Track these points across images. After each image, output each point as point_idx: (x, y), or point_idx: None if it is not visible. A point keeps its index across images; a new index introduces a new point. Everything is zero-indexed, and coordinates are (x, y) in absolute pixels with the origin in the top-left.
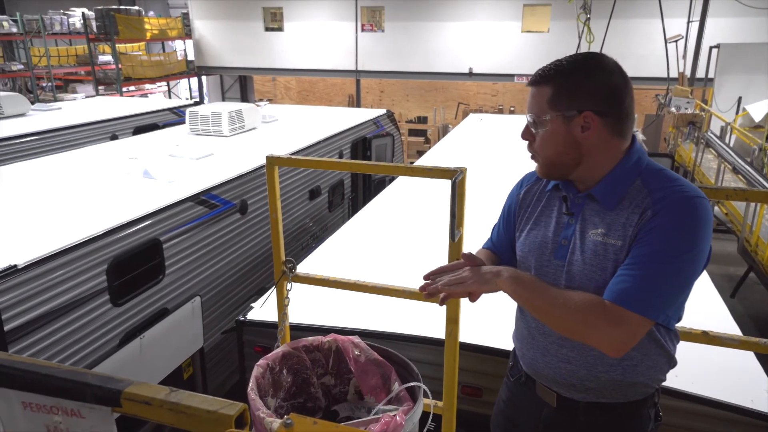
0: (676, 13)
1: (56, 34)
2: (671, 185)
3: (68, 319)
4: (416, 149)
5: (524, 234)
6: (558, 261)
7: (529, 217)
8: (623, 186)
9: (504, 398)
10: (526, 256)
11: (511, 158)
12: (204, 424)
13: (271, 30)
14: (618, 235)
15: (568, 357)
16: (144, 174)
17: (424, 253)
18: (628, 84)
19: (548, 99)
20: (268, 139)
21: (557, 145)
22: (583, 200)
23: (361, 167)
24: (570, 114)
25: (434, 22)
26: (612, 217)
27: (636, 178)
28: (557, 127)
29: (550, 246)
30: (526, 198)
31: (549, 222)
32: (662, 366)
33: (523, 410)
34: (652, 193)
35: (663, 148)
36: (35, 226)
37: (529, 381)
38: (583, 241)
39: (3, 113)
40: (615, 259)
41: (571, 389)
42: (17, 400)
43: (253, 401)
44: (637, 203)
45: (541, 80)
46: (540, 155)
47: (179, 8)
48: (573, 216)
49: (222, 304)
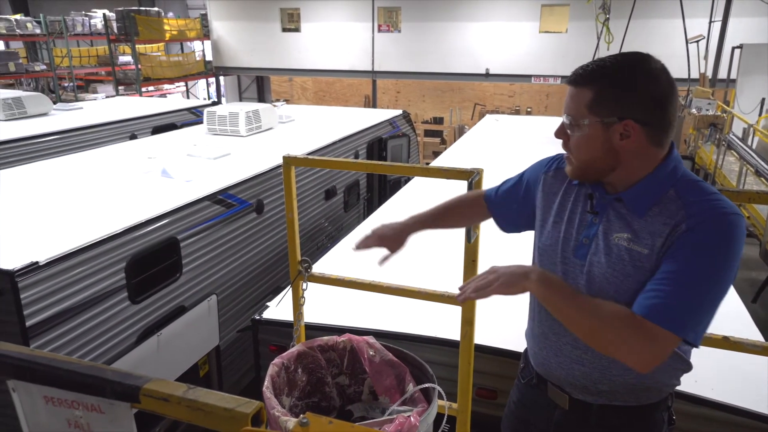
0: (698, 13)
1: (78, 35)
2: (707, 199)
3: (87, 316)
4: (432, 150)
5: (547, 226)
6: (578, 260)
7: (551, 207)
8: (655, 194)
9: (515, 400)
10: (547, 250)
11: (528, 159)
12: (221, 421)
13: (288, 31)
14: (645, 243)
15: (581, 359)
16: (162, 173)
17: (440, 254)
18: (674, 91)
19: (588, 103)
20: (285, 139)
21: (593, 150)
22: (609, 202)
23: (377, 168)
24: (610, 121)
25: (451, 22)
26: (640, 224)
27: (669, 187)
28: (595, 133)
29: (572, 243)
30: (554, 184)
31: (573, 218)
32: (677, 371)
33: (534, 412)
34: (687, 206)
35: (683, 150)
36: (56, 224)
37: (540, 383)
38: (606, 243)
39: (26, 113)
40: (640, 266)
41: (583, 391)
42: (39, 395)
43: (268, 400)
44: (670, 214)
45: (582, 81)
46: (574, 158)
47: (198, 9)
48: (597, 215)
49: (238, 302)
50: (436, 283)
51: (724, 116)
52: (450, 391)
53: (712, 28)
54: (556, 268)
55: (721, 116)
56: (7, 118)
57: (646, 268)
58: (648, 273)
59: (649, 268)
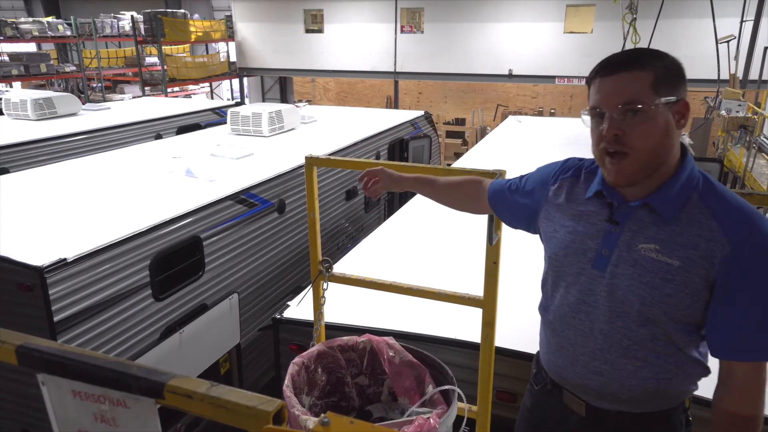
0: (729, 13)
1: (107, 37)
2: (734, 209)
3: (113, 312)
4: (453, 151)
5: (558, 236)
6: (596, 271)
7: (563, 218)
8: (683, 195)
9: (528, 406)
10: (561, 260)
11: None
12: (242, 419)
13: (311, 32)
14: (676, 255)
15: (600, 370)
16: (186, 173)
17: (461, 255)
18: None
19: (651, 83)
20: (307, 139)
21: (660, 135)
22: (631, 210)
23: (398, 168)
24: (671, 100)
25: (474, 23)
26: (668, 233)
27: (693, 190)
28: (662, 114)
29: (589, 254)
30: (558, 193)
31: (589, 228)
32: (696, 376)
33: (549, 418)
34: (716, 214)
35: (712, 152)
36: (84, 222)
37: (555, 389)
38: (631, 255)
39: (56, 113)
40: (670, 279)
41: (602, 399)
42: (68, 389)
43: (288, 399)
44: (699, 223)
45: (636, 64)
46: (635, 149)
47: (223, 11)
48: (617, 225)
49: (259, 301)
50: (456, 285)
51: (755, 118)
52: (470, 393)
53: (743, 28)
54: (570, 279)
55: (751, 118)
56: (38, 117)
57: (677, 281)
58: (679, 286)
59: (681, 281)
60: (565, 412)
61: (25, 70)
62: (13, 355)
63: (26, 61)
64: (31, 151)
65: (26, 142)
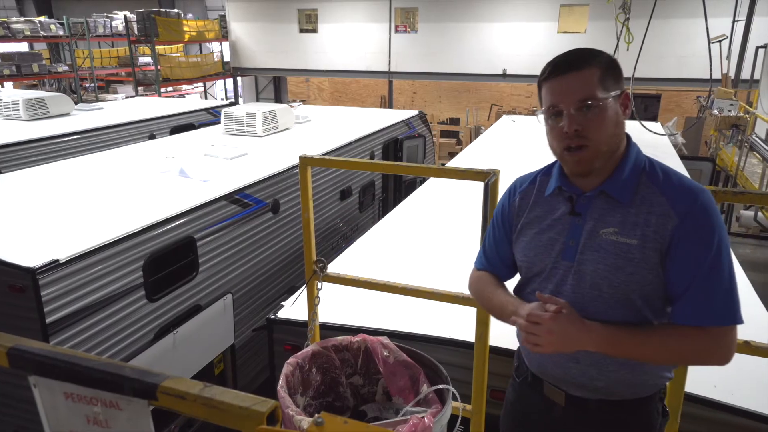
0: (721, 12)
1: (99, 37)
2: (679, 184)
3: (106, 313)
4: (448, 151)
5: (527, 238)
6: (566, 262)
7: (530, 222)
8: (634, 179)
9: (511, 399)
10: (532, 260)
11: (544, 160)
12: (236, 419)
13: (305, 31)
14: (634, 234)
15: (576, 357)
16: (180, 173)
17: (455, 255)
18: None
19: (599, 80)
20: (301, 139)
21: (612, 125)
22: (589, 200)
23: (393, 168)
24: (616, 93)
25: (469, 23)
26: (624, 215)
27: (641, 172)
28: (611, 107)
29: (557, 247)
30: (523, 205)
31: (554, 224)
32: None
33: (531, 410)
34: (664, 192)
35: (704, 151)
36: (76, 222)
37: (535, 381)
38: (593, 241)
39: (49, 113)
40: (630, 258)
41: (580, 388)
42: (60, 391)
43: (282, 399)
44: (650, 202)
45: (584, 63)
46: (593, 141)
47: (217, 11)
48: (580, 216)
49: (253, 302)
50: (450, 284)
51: (746, 117)
52: (464, 392)
53: (735, 28)
54: (544, 275)
55: (743, 117)
56: (31, 118)
57: (637, 259)
58: (639, 263)
59: (640, 258)
60: (547, 403)
61: (17, 70)
62: (5, 357)
63: (18, 61)
64: (23, 152)
65: (18, 143)
